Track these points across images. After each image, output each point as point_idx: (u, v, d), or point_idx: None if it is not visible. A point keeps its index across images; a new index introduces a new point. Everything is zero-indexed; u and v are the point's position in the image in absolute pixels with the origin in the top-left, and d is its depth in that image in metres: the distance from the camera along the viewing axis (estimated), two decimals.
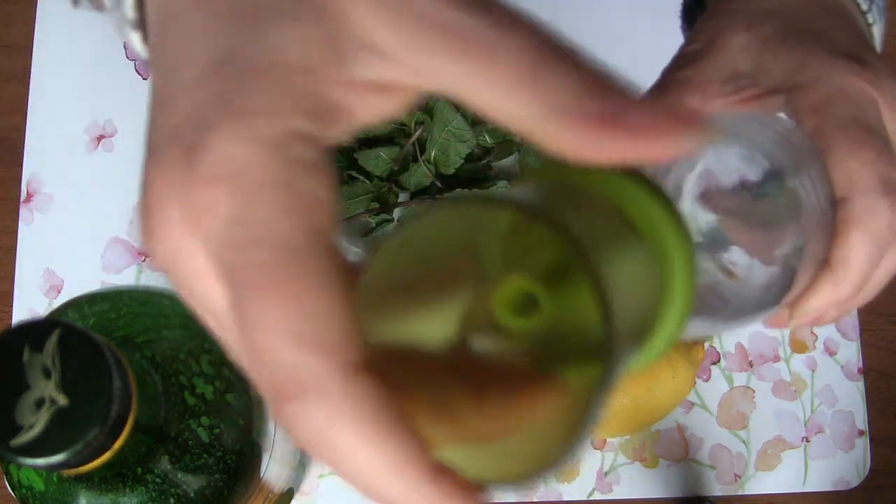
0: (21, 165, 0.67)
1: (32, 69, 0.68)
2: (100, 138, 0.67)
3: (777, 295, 0.31)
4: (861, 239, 0.30)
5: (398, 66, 0.20)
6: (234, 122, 0.19)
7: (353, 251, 0.63)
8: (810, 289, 0.32)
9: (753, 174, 0.30)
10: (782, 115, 0.32)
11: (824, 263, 0.31)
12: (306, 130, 0.19)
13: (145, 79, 0.68)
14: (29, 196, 0.66)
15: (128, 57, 0.69)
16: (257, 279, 0.19)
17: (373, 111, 0.21)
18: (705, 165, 0.30)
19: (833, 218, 0.31)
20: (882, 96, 0.32)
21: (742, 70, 0.33)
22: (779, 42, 0.33)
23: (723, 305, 0.29)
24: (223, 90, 0.20)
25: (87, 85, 0.68)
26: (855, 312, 0.66)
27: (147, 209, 0.20)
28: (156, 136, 0.21)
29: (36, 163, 0.67)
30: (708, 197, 0.30)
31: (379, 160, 0.63)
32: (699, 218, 0.30)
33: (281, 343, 0.19)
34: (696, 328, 0.30)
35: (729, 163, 0.30)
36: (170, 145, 0.20)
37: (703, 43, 0.35)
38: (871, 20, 0.37)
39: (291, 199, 0.19)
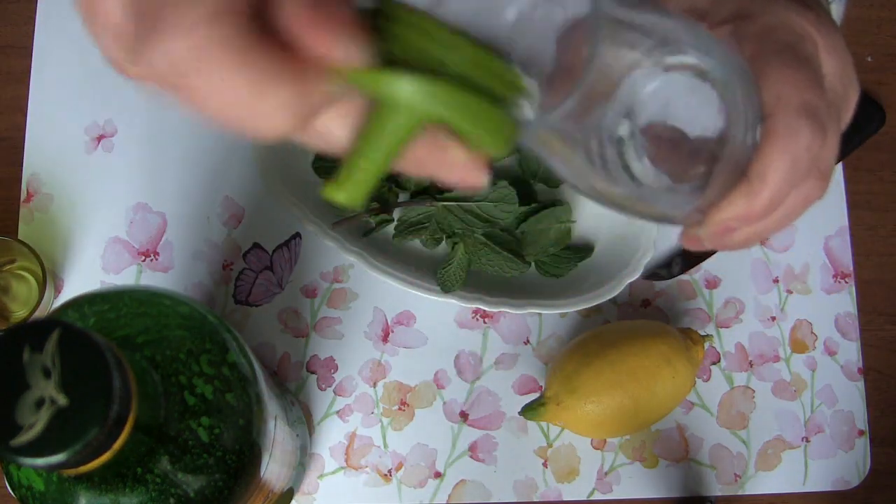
0: (21, 165, 0.67)
1: (32, 69, 0.68)
2: (100, 138, 0.67)
3: (688, 190, 0.31)
4: (780, 156, 0.31)
5: None
6: None
7: (354, 251, 0.63)
8: (725, 199, 0.33)
9: (691, 73, 0.30)
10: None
11: (743, 176, 0.32)
12: None
13: None
14: (29, 196, 0.66)
15: None
16: None
17: None
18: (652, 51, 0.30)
19: (756, 136, 0.32)
20: (822, 38, 0.33)
21: (699, 7, 0.35)
22: None
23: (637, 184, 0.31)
24: None
25: (87, 85, 0.68)
26: (855, 312, 0.66)
27: None
28: None
29: (36, 163, 0.67)
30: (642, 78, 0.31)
31: None
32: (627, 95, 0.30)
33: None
34: (616, 195, 0.31)
35: (670, 58, 0.30)
36: None
37: None
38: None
39: None
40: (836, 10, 0.39)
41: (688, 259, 0.66)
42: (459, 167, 0.27)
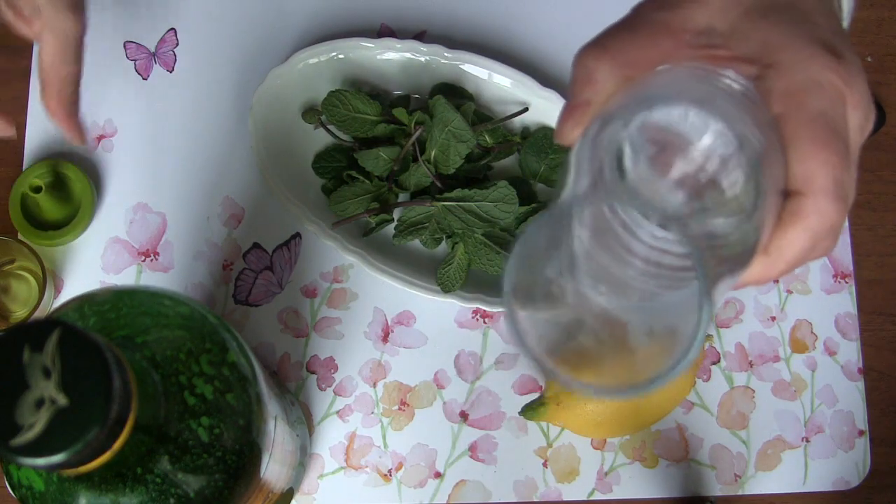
0: (21, 165, 0.67)
1: (32, 69, 0.68)
2: (100, 138, 0.67)
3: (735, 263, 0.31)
4: (803, 235, 0.32)
5: None
6: None
7: (354, 251, 0.63)
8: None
9: (711, 144, 0.30)
10: (736, 83, 0.32)
11: (761, 246, 0.32)
12: None
13: (146, 79, 0.68)
14: None
15: (128, 57, 0.69)
16: None
17: None
18: (658, 120, 0.30)
19: (777, 202, 0.31)
20: (850, 94, 0.32)
21: (717, 29, 0.33)
22: (761, 14, 0.33)
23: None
24: None
25: (87, 85, 0.68)
26: (855, 312, 0.66)
27: None
28: None
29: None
30: (662, 159, 0.30)
31: (379, 160, 0.63)
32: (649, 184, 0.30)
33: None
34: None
35: (684, 125, 0.30)
36: None
37: None
38: None
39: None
40: (847, 6, 0.38)
41: None
42: None
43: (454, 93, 0.65)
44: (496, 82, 0.65)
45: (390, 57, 0.65)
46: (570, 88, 0.35)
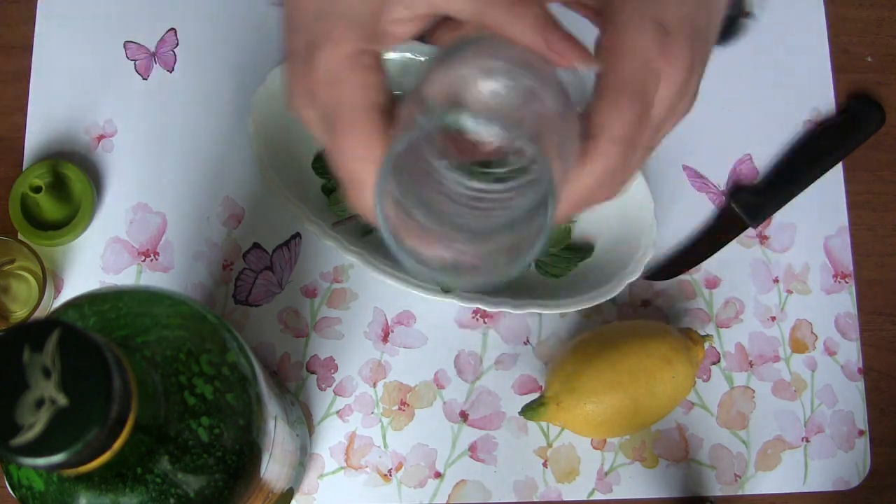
0: (21, 165, 0.67)
1: (32, 69, 0.68)
2: (100, 138, 0.67)
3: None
4: (588, 175, 0.37)
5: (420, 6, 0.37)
6: (331, 45, 0.37)
7: (354, 251, 0.63)
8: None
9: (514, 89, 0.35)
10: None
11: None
12: (368, 48, 0.37)
13: (145, 78, 0.68)
14: None
15: (128, 57, 0.69)
16: (339, 124, 0.37)
17: (403, 33, 0.38)
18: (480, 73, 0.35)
19: (576, 144, 0.36)
20: (666, 69, 0.37)
21: None
22: None
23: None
24: (326, 27, 0.37)
25: (87, 85, 0.68)
26: (855, 312, 0.66)
27: (288, 91, 0.39)
28: (289, 49, 0.39)
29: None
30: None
31: None
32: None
33: (348, 151, 0.37)
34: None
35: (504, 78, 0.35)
36: (300, 58, 0.38)
37: None
38: None
39: (358, 85, 0.37)
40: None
41: (687, 261, 0.66)
42: None
43: None
44: None
45: (390, 57, 0.65)
46: None
